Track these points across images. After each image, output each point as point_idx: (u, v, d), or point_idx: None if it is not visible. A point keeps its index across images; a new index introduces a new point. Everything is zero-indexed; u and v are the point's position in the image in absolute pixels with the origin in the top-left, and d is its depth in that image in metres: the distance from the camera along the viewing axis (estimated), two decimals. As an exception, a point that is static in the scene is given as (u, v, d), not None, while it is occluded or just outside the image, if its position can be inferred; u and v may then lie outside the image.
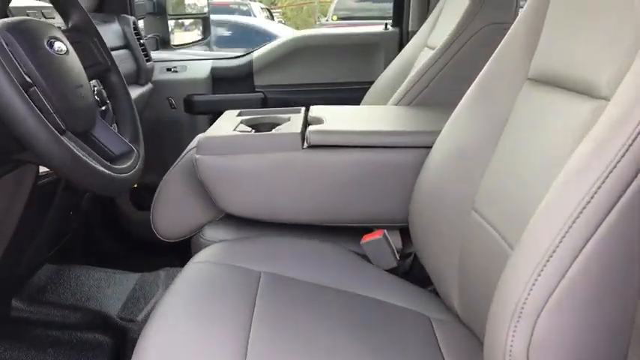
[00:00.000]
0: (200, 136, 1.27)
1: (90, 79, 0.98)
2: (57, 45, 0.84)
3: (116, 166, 0.86)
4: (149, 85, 1.99)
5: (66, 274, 1.49)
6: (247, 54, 2.22)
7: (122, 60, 1.79)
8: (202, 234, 1.27)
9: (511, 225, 0.91)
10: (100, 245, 1.87)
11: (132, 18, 1.95)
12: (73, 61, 0.87)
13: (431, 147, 1.18)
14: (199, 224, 1.31)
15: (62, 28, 0.97)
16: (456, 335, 1.03)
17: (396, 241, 1.26)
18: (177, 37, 2.40)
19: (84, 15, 1.01)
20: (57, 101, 0.79)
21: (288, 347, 0.88)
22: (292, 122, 1.33)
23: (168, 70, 2.15)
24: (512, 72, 1.05)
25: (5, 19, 0.80)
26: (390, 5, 7.93)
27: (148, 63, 1.96)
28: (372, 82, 2.03)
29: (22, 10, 1.17)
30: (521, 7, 1.55)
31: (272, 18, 12.95)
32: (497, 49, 1.12)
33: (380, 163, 1.22)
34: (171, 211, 1.31)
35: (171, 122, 2.13)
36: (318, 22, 13.81)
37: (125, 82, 1.05)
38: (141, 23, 2.16)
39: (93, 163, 0.79)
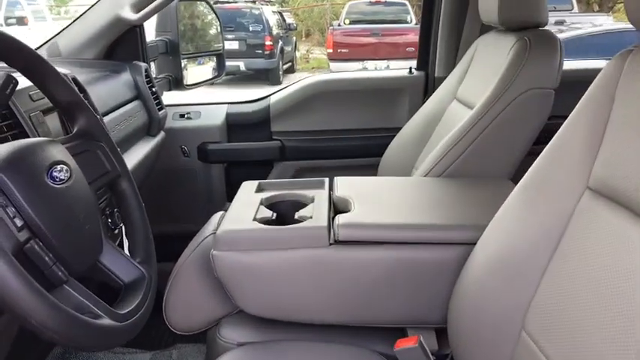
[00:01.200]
0: (218, 224, 1.17)
1: (98, 190, 0.88)
2: (58, 173, 0.74)
3: (123, 310, 0.75)
4: (161, 134, 1.89)
5: (72, 358, 1.39)
6: (264, 98, 2.11)
7: (134, 112, 1.69)
8: (219, 333, 1.16)
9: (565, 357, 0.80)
10: None
11: (144, 65, 1.85)
12: (78, 186, 0.77)
13: (474, 244, 1.07)
14: (215, 318, 1.20)
15: (64, 137, 0.87)
16: None
17: (431, 342, 1.14)
18: (191, 75, 2.29)
19: (93, 119, 0.91)
20: (58, 247, 0.69)
21: None
22: (317, 205, 1.22)
23: (182, 116, 2.05)
24: (570, 174, 0.93)
25: (1, 154, 0.69)
26: (401, 9, 7.77)
27: (160, 112, 1.86)
28: (396, 129, 1.92)
29: (24, 92, 1.07)
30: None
31: (284, 20, 12.87)
32: (553, 140, 0.99)
33: (416, 260, 1.11)
34: (185, 303, 1.21)
35: (185, 171, 2.03)
36: (330, 26, 13.69)
37: (137, 190, 0.94)
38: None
39: (96, 317, 0.69)
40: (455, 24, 1.98)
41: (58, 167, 0.75)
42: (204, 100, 2.15)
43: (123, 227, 0.95)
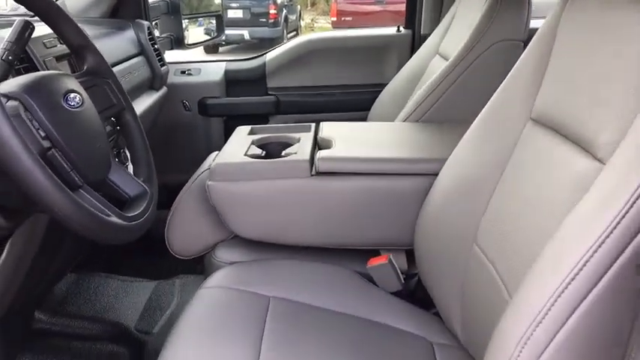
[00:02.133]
0: (213, 160, 1.31)
1: (105, 121, 1.02)
2: (73, 99, 0.88)
3: (129, 214, 0.90)
4: (164, 89, 2.02)
5: (85, 284, 1.55)
6: (260, 56, 2.24)
7: (137, 67, 1.82)
8: (214, 254, 1.32)
9: (508, 267, 0.95)
10: (116, 247, 1.93)
11: (146, 23, 1.97)
12: (89, 112, 0.91)
13: (436, 174, 1.21)
14: (211, 243, 1.36)
15: (76, 73, 1.01)
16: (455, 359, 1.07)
17: (401, 262, 1.29)
18: (192, 36, 2.41)
19: (98, 58, 1.04)
20: (74, 158, 0.83)
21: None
22: (302, 144, 1.37)
23: (183, 72, 2.18)
24: (516, 109, 1.07)
25: (22, 80, 0.83)
26: None
27: (162, 67, 1.99)
28: (384, 85, 2.05)
29: (39, 40, 1.20)
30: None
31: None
32: (505, 80, 1.13)
33: (387, 189, 1.26)
34: (185, 231, 1.36)
35: (186, 124, 2.17)
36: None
37: (139, 121, 1.08)
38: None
39: (107, 215, 0.84)
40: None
41: (72, 95, 0.89)
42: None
43: (128, 154, 1.09)
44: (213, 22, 2.60)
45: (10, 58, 0.99)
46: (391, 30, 2.23)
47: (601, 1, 0.92)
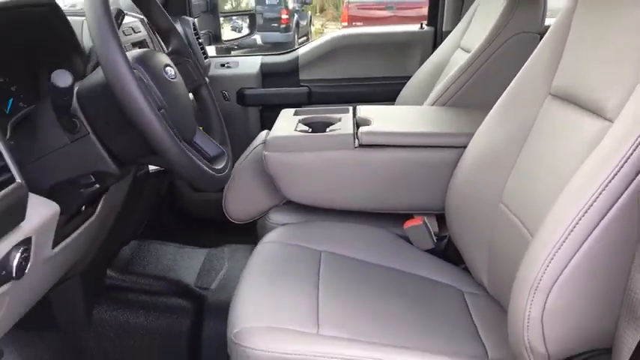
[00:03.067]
0: (268, 134, 1.50)
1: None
2: (169, 71, 1.06)
3: (215, 167, 1.08)
4: (206, 80, 2.20)
5: (146, 249, 1.74)
6: (293, 51, 2.43)
7: (185, 58, 2.00)
8: (268, 217, 1.50)
9: (531, 216, 1.12)
10: (167, 223, 2.12)
11: (191, 19, 2.16)
12: (180, 83, 1.09)
13: (464, 147, 1.39)
14: (264, 209, 1.54)
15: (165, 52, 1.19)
16: (484, 305, 1.24)
17: (433, 225, 1.47)
18: (227, 33, 2.61)
19: (182, 40, 1.23)
20: (175, 119, 1.01)
21: (346, 311, 1.11)
22: (344, 122, 1.55)
23: (222, 65, 2.37)
24: (537, 87, 1.24)
25: (134, 54, 1.01)
26: None
27: (205, 60, 2.18)
28: (407, 77, 2.22)
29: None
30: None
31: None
32: (525, 65, 1.30)
33: (421, 159, 1.43)
34: (241, 197, 1.54)
35: (225, 113, 2.34)
36: (346, 0, 13.79)
37: (213, 95, 1.27)
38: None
39: (203, 165, 1.02)
40: (460, -16, 2.28)
41: (168, 68, 1.07)
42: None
43: (205, 123, 1.27)
44: (239, 21, 2.79)
45: None
46: (414, 27, 2.41)
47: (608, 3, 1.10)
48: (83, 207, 1.16)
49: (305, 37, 12.92)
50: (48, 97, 0.99)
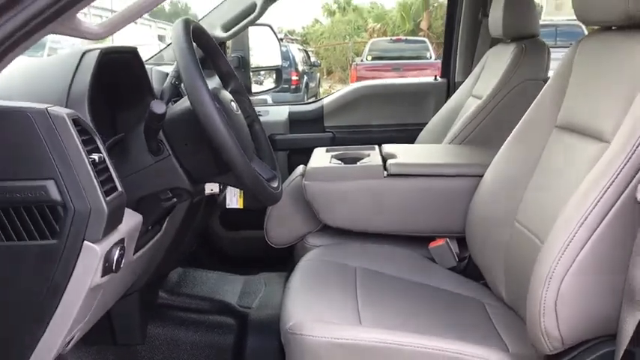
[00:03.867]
0: (305, 168, 1.69)
1: None
2: (234, 105, 1.27)
3: (272, 185, 1.28)
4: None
5: (190, 275, 1.90)
6: (318, 100, 2.66)
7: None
8: (306, 241, 1.68)
9: (542, 227, 1.29)
10: (202, 257, 2.28)
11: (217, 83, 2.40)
12: (242, 116, 1.30)
13: (480, 176, 1.57)
14: (302, 234, 1.72)
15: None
16: (503, 314, 1.39)
17: (454, 246, 1.64)
18: (255, 86, 2.85)
19: (239, 82, 1.45)
20: (242, 144, 1.21)
21: (383, 312, 1.27)
22: (372, 157, 1.75)
23: (255, 114, 2.59)
24: (544, 121, 1.44)
25: (214, 89, 1.22)
26: (421, 46, 8.50)
27: (239, 109, 2.41)
28: (423, 124, 2.43)
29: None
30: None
31: (308, 57, 13.51)
32: (534, 103, 1.50)
33: (442, 187, 1.62)
34: (281, 224, 1.73)
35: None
36: (353, 62, 14.34)
37: (264, 128, 1.48)
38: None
39: (265, 182, 1.21)
40: (470, 41, 2.53)
41: (233, 103, 1.28)
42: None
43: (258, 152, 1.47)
44: (260, 76, 3.04)
45: (176, 82, 1.41)
46: (429, 79, 2.65)
47: (601, 45, 1.32)
48: (150, 227, 1.34)
49: (314, 98, 13.34)
50: (137, 126, 1.20)
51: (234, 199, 1.95)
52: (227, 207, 1.92)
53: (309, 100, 2.70)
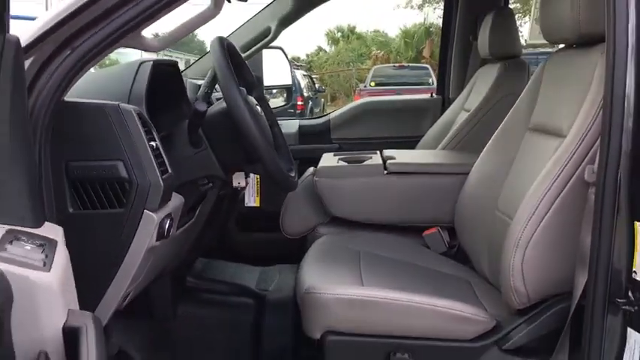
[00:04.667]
0: (315, 170, 1.96)
1: None
2: (258, 108, 1.54)
3: (290, 175, 1.54)
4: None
5: (213, 265, 2.15)
6: (324, 115, 2.93)
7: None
8: (316, 231, 1.93)
9: (514, 210, 1.54)
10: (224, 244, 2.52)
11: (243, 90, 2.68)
12: (264, 119, 1.57)
13: (467, 174, 1.83)
14: (313, 225, 1.97)
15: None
16: (485, 289, 1.63)
17: (445, 236, 1.88)
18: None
19: (261, 90, 1.72)
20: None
21: (382, 281, 1.51)
22: (374, 159, 2.01)
23: (268, 127, 2.86)
24: (519, 125, 1.70)
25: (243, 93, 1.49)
26: (423, 72, 8.85)
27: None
28: (420, 136, 2.70)
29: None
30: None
31: (313, 84, 13.82)
32: (511, 110, 1.77)
33: (435, 183, 1.88)
34: (295, 217, 1.98)
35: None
36: (357, 88, 14.66)
37: (282, 131, 1.75)
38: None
39: (286, 172, 1.47)
40: (462, 61, 2.81)
41: (257, 106, 1.55)
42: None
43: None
44: (271, 94, 3.32)
45: (209, 90, 1.68)
46: (426, 96, 2.93)
47: (564, 60, 1.58)
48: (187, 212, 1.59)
49: (318, 122, 13.61)
50: (179, 124, 1.46)
51: (251, 198, 2.22)
52: (245, 205, 2.19)
53: (318, 116, 2.96)
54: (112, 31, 1.12)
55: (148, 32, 1.27)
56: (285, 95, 3.19)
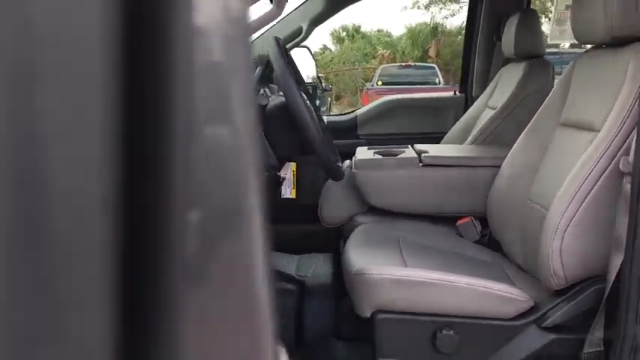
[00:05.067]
0: (351, 162, 2.06)
1: None
2: (308, 103, 1.65)
3: (338, 165, 1.65)
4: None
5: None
6: (351, 112, 3.04)
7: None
8: (355, 220, 2.04)
9: (548, 200, 1.65)
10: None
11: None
12: (313, 110, 1.68)
13: (498, 166, 1.93)
14: (351, 214, 2.08)
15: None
16: (519, 273, 1.74)
17: (477, 225, 1.99)
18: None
19: (306, 86, 1.83)
20: None
21: (422, 263, 1.61)
22: (408, 152, 2.11)
23: (297, 123, 2.98)
24: (551, 120, 1.81)
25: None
26: (429, 72, 9.02)
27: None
28: (443, 133, 2.81)
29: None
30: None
31: (320, 83, 13.87)
32: (542, 106, 1.87)
33: (468, 175, 1.98)
34: (333, 207, 2.09)
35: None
36: (365, 87, 14.75)
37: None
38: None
39: (334, 162, 1.58)
40: (486, 60, 2.92)
41: (307, 101, 1.65)
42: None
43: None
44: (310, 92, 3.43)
45: (257, 87, 1.78)
46: (449, 94, 3.04)
47: (594, 59, 1.69)
48: None
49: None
50: None
51: (288, 190, 2.34)
52: (282, 197, 2.30)
53: (345, 112, 3.07)
54: None
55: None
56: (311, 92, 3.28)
